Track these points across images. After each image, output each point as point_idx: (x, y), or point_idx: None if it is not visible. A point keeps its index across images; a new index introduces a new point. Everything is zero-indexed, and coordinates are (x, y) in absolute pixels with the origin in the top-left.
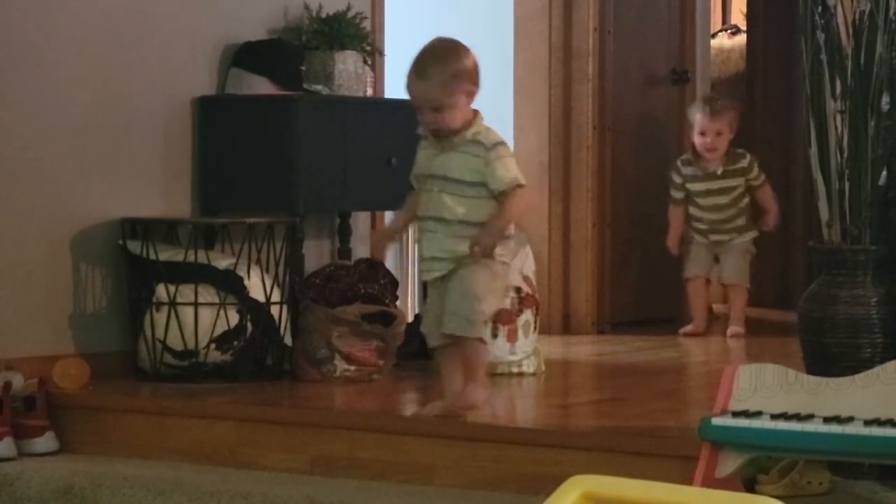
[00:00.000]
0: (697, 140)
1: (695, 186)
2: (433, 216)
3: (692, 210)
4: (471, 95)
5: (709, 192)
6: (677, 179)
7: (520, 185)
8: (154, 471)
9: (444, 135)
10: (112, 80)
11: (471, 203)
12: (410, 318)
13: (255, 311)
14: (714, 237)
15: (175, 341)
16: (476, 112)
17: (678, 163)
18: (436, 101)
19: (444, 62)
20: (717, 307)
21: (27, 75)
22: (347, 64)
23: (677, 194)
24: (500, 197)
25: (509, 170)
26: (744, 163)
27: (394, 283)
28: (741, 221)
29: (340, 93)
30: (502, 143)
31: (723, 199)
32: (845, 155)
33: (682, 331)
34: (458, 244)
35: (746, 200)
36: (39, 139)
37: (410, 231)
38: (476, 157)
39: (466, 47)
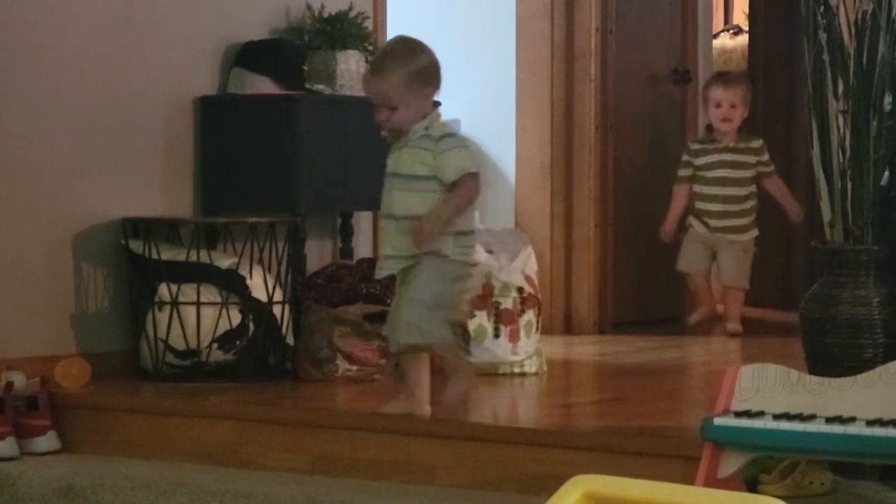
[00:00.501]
0: (713, 113)
1: (704, 159)
2: (385, 213)
3: (696, 188)
4: (429, 95)
5: (720, 164)
6: (685, 157)
7: (470, 174)
8: (156, 470)
9: (398, 133)
10: (114, 80)
11: (422, 197)
12: None
13: (257, 310)
14: (714, 222)
15: (177, 341)
16: (434, 109)
17: (689, 142)
18: (389, 99)
19: (400, 61)
20: (719, 307)
21: (28, 75)
22: (349, 63)
23: (684, 171)
24: (451, 187)
25: (459, 159)
26: (756, 143)
27: None
28: (744, 221)
29: (342, 92)
30: (451, 135)
31: (733, 174)
32: (847, 155)
33: (691, 319)
34: (408, 241)
35: (754, 193)
36: (41, 139)
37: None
38: (425, 150)
39: (425, 46)
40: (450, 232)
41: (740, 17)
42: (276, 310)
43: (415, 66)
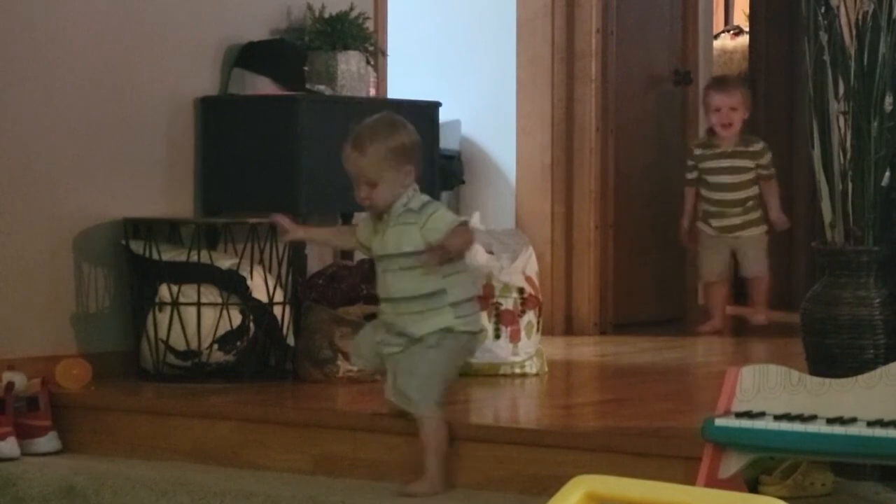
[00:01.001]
0: (713, 118)
1: (706, 164)
2: (383, 297)
3: (703, 192)
4: (408, 174)
5: (720, 170)
6: (689, 161)
7: (461, 224)
8: (156, 471)
9: (378, 211)
10: (115, 80)
11: (414, 273)
12: None
13: (257, 311)
14: (721, 222)
15: (178, 341)
16: (413, 185)
17: (692, 144)
18: (369, 176)
19: (380, 137)
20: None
21: (30, 76)
22: (350, 64)
23: (690, 174)
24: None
25: (446, 217)
26: (757, 146)
27: None
28: (755, 215)
29: (343, 93)
30: (431, 201)
31: (732, 179)
32: (848, 156)
33: (699, 328)
34: (409, 323)
35: (756, 192)
36: (42, 139)
37: None
38: (409, 224)
39: (407, 124)
40: (448, 302)
41: (741, 17)
42: (277, 310)
43: (395, 142)
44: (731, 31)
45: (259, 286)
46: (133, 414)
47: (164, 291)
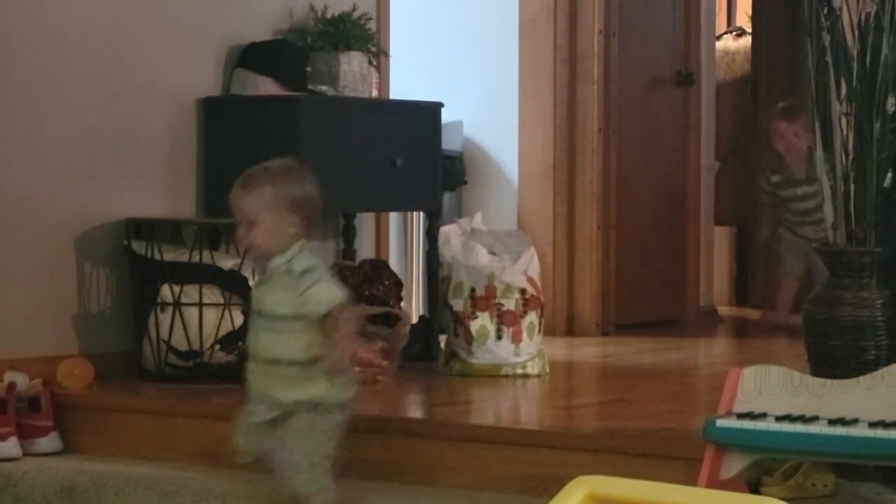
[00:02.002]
0: (778, 144)
1: (783, 193)
2: (251, 354)
3: (783, 210)
4: (293, 225)
5: (794, 198)
6: (765, 185)
7: (344, 302)
8: (158, 471)
9: (260, 258)
10: (117, 81)
11: (285, 339)
12: (415, 320)
13: None
14: (804, 230)
15: (180, 342)
16: (297, 242)
17: (767, 169)
18: (248, 215)
19: (271, 180)
20: (721, 309)
21: (32, 76)
22: (352, 65)
23: (765, 198)
24: (325, 320)
25: (327, 291)
26: None
27: (398, 285)
28: None
29: (345, 94)
30: (312, 269)
31: (808, 204)
32: (850, 157)
33: (765, 315)
34: (278, 387)
35: None
36: (44, 140)
37: (416, 229)
38: (286, 290)
39: (307, 178)
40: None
41: (743, 18)
42: None
43: (286, 189)
44: (734, 33)
45: None
46: (135, 414)
47: (165, 292)
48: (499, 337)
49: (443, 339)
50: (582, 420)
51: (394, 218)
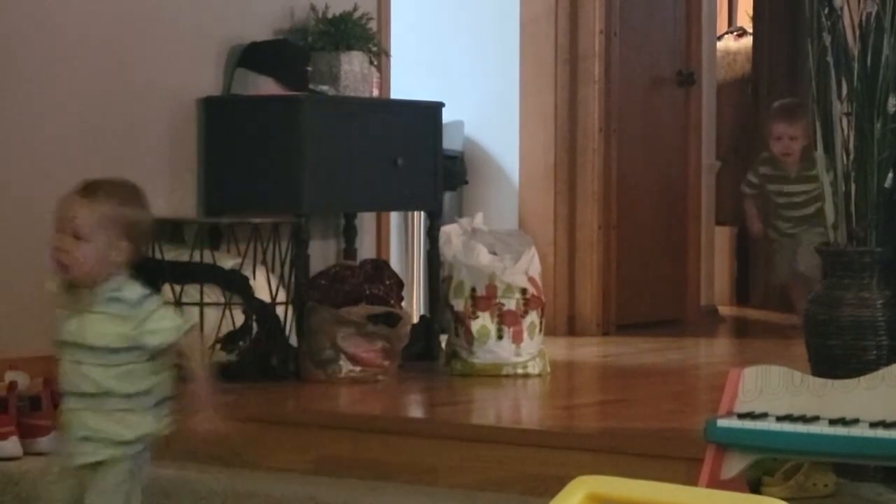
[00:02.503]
0: (774, 146)
1: (771, 187)
2: (71, 391)
3: (771, 201)
4: (122, 250)
5: (782, 193)
6: (753, 179)
7: (191, 328)
8: (158, 470)
9: (77, 282)
10: (118, 80)
11: (119, 371)
12: (416, 320)
13: (260, 311)
14: (792, 230)
15: None
16: (121, 272)
17: (757, 162)
18: (80, 228)
19: (118, 198)
20: (722, 309)
21: (32, 76)
22: (353, 65)
23: (750, 190)
24: (169, 349)
25: (170, 319)
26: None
27: (399, 284)
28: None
29: (346, 93)
30: (149, 295)
31: (795, 200)
32: (851, 157)
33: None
34: (111, 423)
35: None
36: (45, 139)
37: (417, 229)
38: (120, 318)
39: (147, 205)
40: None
41: (744, 18)
42: (280, 310)
43: (127, 211)
44: (735, 33)
45: (262, 286)
46: None
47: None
48: (500, 337)
49: (443, 338)
50: (582, 420)
51: (394, 217)
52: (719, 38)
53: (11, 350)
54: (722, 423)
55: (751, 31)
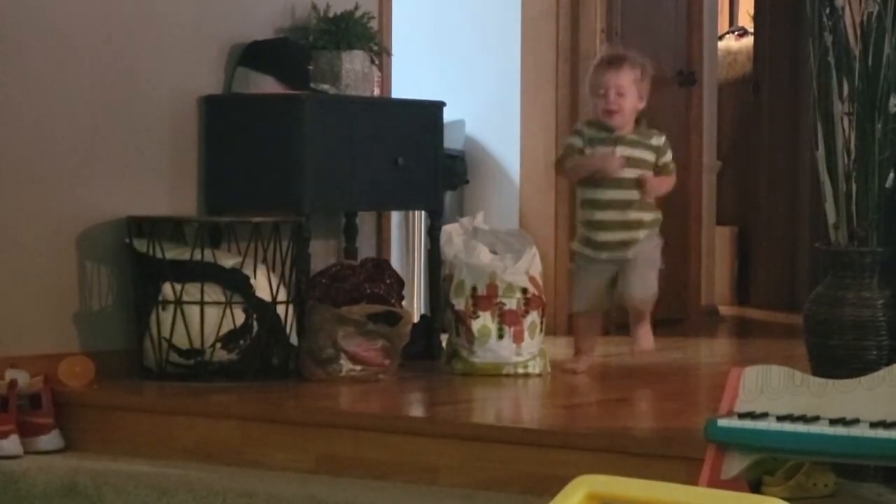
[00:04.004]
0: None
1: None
2: None
3: None
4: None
5: None
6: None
7: None
8: (159, 469)
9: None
10: (119, 79)
11: None
12: (416, 319)
13: (261, 310)
14: None
15: (181, 340)
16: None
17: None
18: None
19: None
20: (723, 309)
21: (34, 75)
22: (354, 63)
23: None
24: None
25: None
26: None
27: (400, 284)
28: None
29: (347, 92)
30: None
31: None
32: (852, 157)
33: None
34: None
35: None
36: (46, 138)
37: (418, 228)
38: None
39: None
40: None
41: (745, 18)
42: (280, 309)
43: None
44: (736, 33)
45: (262, 285)
46: (136, 412)
47: (167, 290)
48: (500, 336)
49: (444, 338)
50: (583, 419)
51: (395, 217)
52: (720, 37)
53: (12, 348)
54: (722, 422)
55: (752, 30)
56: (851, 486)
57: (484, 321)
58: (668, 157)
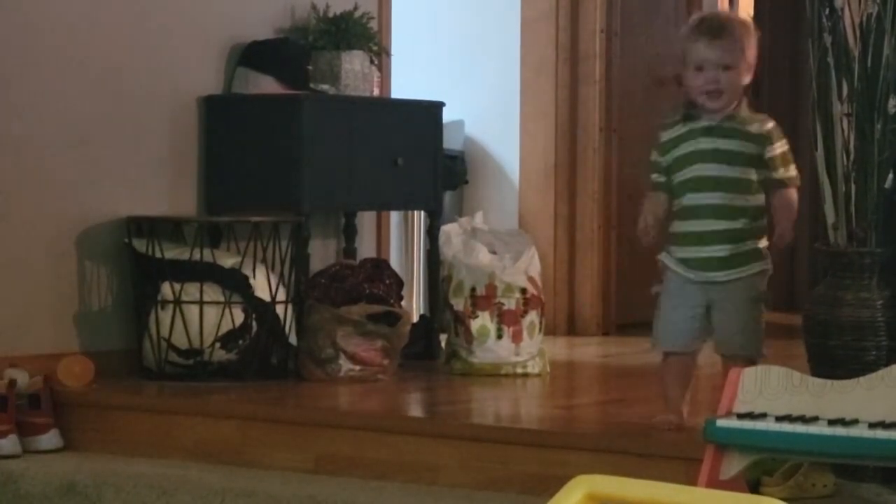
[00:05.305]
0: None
1: None
2: None
3: None
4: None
5: None
6: None
7: None
8: (158, 469)
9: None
10: (118, 79)
11: None
12: (416, 319)
13: (260, 310)
14: None
15: (180, 340)
16: None
17: None
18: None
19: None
20: None
21: (34, 74)
22: (354, 64)
23: None
24: None
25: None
26: None
27: (399, 284)
28: None
29: (347, 92)
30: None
31: None
32: (851, 158)
33: None
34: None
35: None
36: (46, 137)
37: (417, 228)
38: None
39: None
40: None
41: None
42: (280, 309)
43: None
44: None
45: (262, 285)
46: (135, 412)
47: (166, 290)
48: (499, 336)
49: (443, 338)
50: (582, 420)
51: (395, 217)
52: None
53: (11, 348)
54: (721, 423)
55: None
56: (850, 486)
57: (483, 321)
58: (778, 148)
